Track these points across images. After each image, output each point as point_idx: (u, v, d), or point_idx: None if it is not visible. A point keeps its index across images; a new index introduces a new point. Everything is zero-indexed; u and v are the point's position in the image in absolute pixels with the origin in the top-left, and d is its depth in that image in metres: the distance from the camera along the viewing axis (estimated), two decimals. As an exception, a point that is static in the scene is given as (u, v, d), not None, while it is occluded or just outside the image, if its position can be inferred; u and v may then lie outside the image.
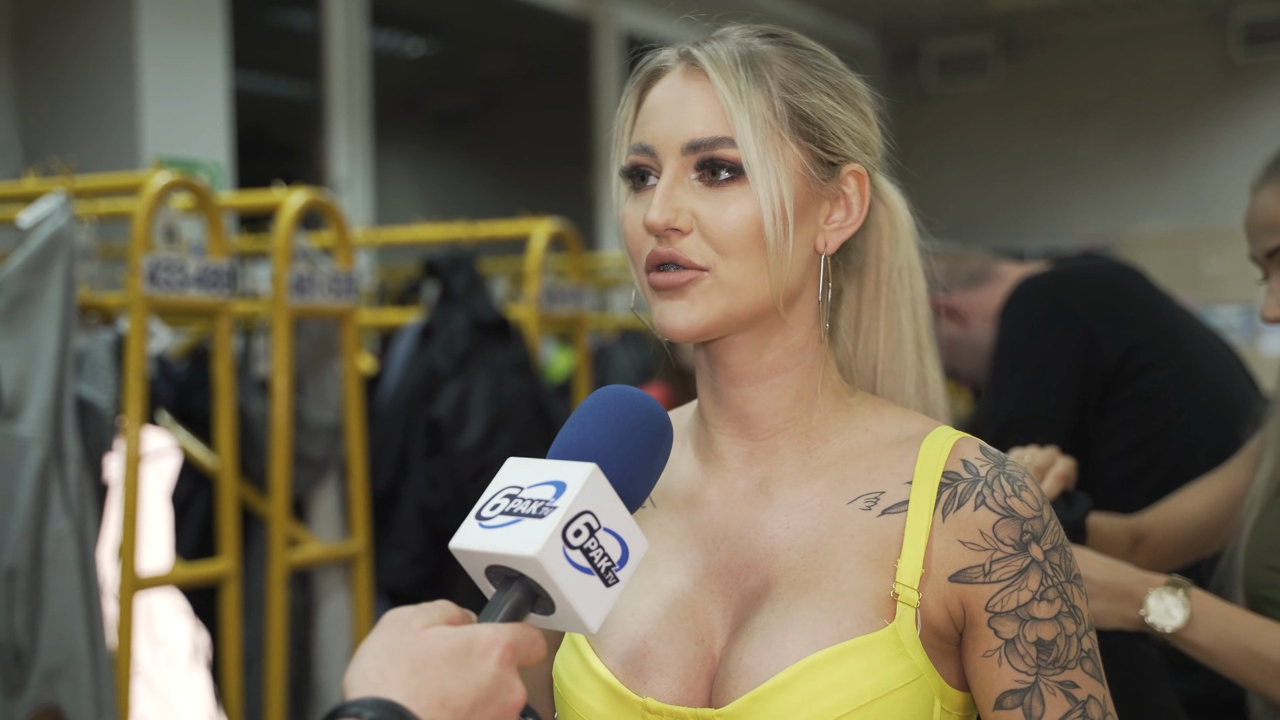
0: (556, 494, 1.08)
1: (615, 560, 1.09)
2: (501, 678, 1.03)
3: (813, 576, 1.27)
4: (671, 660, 1.28)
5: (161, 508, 3.71)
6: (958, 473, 1.28)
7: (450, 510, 4.10)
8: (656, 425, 1.19)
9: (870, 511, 1.29)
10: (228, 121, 5.97)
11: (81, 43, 5.69)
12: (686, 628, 1.29)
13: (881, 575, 1.26)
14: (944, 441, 1.31)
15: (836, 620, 1.23)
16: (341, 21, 7.08)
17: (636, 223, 1.31)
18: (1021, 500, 1.27)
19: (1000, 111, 10.95)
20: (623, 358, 5.88)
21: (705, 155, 1.28)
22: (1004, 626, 1.24)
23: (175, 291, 3.26)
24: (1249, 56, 10.18)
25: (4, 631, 2.96)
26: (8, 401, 3.01)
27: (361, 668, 1.01)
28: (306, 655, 3.92)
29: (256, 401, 3.77)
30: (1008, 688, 1.24)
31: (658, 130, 1.30)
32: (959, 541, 1.26)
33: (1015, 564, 1.25)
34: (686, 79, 1.31)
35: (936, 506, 1.27)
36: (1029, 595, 1.24)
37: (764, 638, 1.24)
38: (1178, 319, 2.59)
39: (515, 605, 1.08)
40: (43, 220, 3.10)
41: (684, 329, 1.28)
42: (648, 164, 1.31)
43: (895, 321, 1.43)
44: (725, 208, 1.27)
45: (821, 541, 1.29)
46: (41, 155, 5.16)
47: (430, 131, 10.51)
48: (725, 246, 1.27)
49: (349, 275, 3.77)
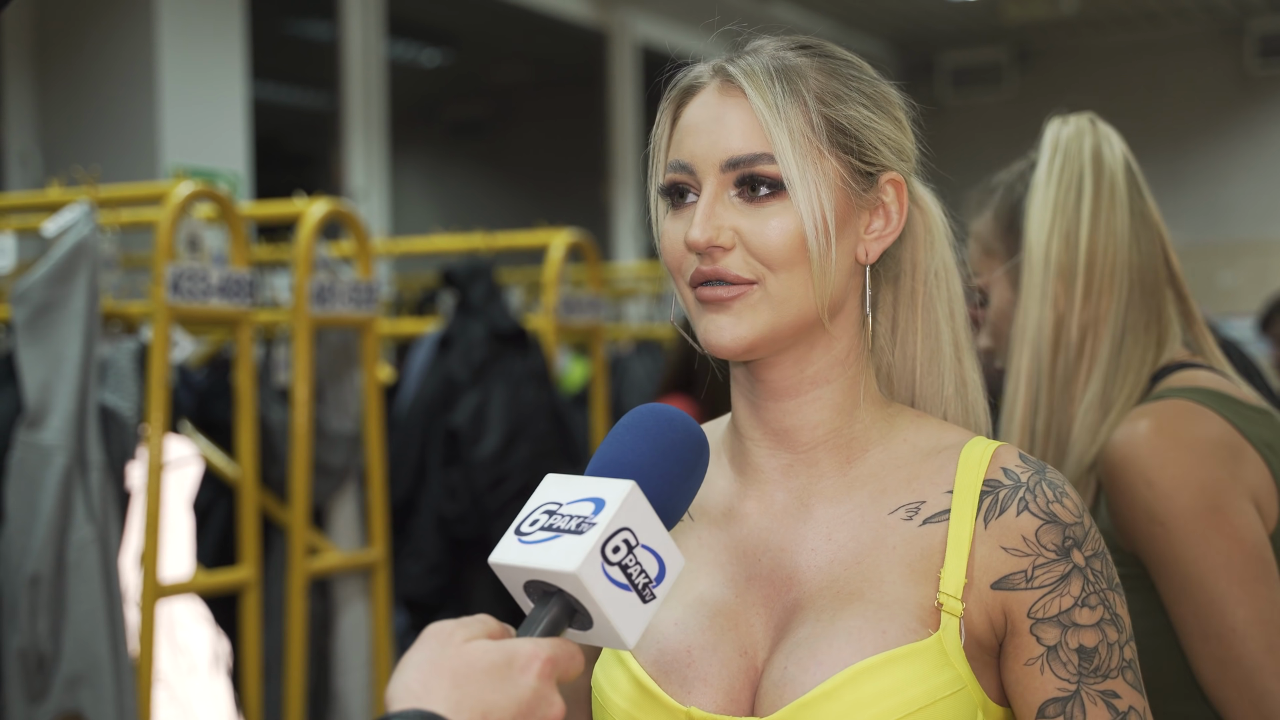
0: (595, 510, 1.09)
1: (652, 577, 1.10)
2: (541, 692, 1.04)
3: (856, 587, 1.27)
4: (715, 671, 1.29)
5: (183, 516, 3.72)
6: (998, 480, 1.28)
7: (467, 519, 4.11)
8: (694, 443, 1.20)
9: (911, 521, 1.29)
10: (246, 131, 6.00)
11: (101, 53, 5.72)
12: (730, 639, 1.30)
13: (924, 585, 1.26)
14: (983, 450, 1.31)
15: (881, 629, 1.23)
16: (358, 32, 7.11)
17: (677, 240, 1.31)
18: (1063, 506, 1.27)
19: (1014, 123, 10.92)
20: (638, 368, 5.89)
21: (745, 172, 1.28)
22: (1046, 633, 1.24)
23: (198, 301, 3.28)
24: (1264, 69, 10.18)
25: (27, 638, 2.98)
26: (32, 409, 3.03)
27: (404, 680, 1.02)
28: (325, 663, 3.93)
29: (277, 410, 3.78)
30: (1050, 696, 1.24)
31: (695, 148, 1.30)
32: (1001, 548, 1.26)
33: (1057, 570, 1.25)
34: (722, 95, 1.31)
35: (978, 514, 1.27)
36: (1071, 601, 1.24)
37: (809, 647, 1.25)
38: (1197, 332, 2.59)
39: (554, 620, 1.09)
40: (67, 229, 3.12)
41: (730, 345, 1.28)
42: (686, 182, 1.31)
43: (932, 324, 1.42)
44: (767, 223, 1.27)
45: (863, 552, 1.29)
46: (62, 165, 5.19)
47: (446, 142, 10.53)
48: (770, 261, 1.27)
49: (369, 285, 3.79)
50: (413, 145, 9.29)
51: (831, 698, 1.21)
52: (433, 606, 4.15)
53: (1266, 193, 10.32)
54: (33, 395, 3.03)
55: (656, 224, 1.36)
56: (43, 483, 3.00)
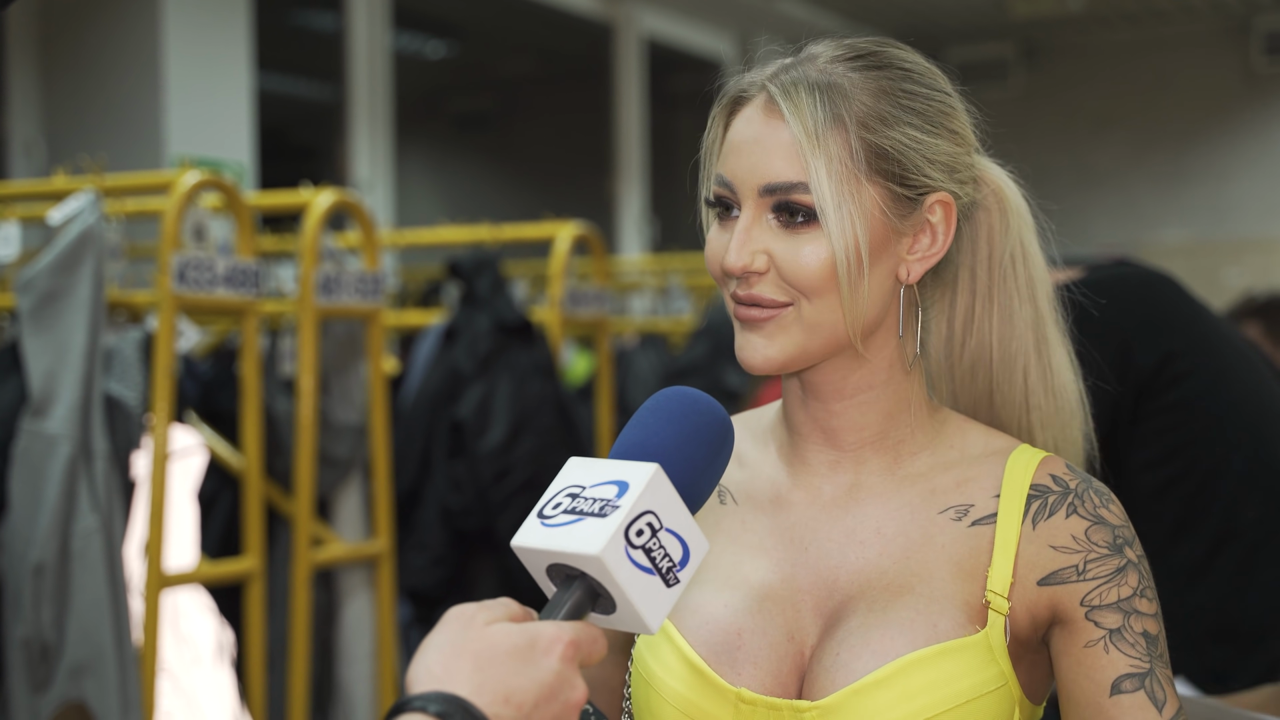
0: (619, 493, 1.08)
1: (676, 561, 1.09)
2: (564, 675, 1.03)
3: (906, 582, 1.30)
4: (765, 653, 1.30)
5: (187, 506, 3.72)
6: (1047, 486, 1.32)
7: (472, 511, 4.11)
8: (718, 427, 1.20)
9: (960, 523, 1.32)
10: (251, 122, 5.99)
11: (106, 43, 5.71)
12: (778, 623, 1.31)
13: (972, 584, 1.29)
14: (1030, 458, 1.34)
15: (933, 623, 1.26)
16: (363, 23, 7.10)
17: (717, 254, 1.34)
18: (1110, 511, 1.31)
19: (1020, 119, 10.93)
20: (642, 361, 5.88)
21: (781, 199, 1.29)
22: (1106, 618, 1.26)
23: (204, 290, 3.27)
24: (1270, 66, 10.16)
25: (31, 627, 2.97)
26: (36, 398, 3.02)
27: (426, 663, 1.02)
28: (329, 654, 3.93)
29: (282, 401, 3.78)
30: (1123, 671, 1.25)
31: (737, 169, 1.31)
32: (1050, 547, 1.29)
33: (1112, 563, 1.28)
34: (767, 115, 1.31)
35: (1026, 516, 1.30)
36: (1130, 590, 1.27)
37: (862, 635, 1.27)
38: (1213, 327, 2.58)
39: (577, 604, 1.08)
40: (72, 218, 3.11)
41: (761, 365, 1.30)
42: (729, 198, 1.33)
43: (1008, 310, 1.43)
44: (800, 250, 1.28)
45: (912, 549, 1.31)
46: (67, 153, 5.19)
47: (450, 134, 10.52)
48: (803, 287, 1.28)
49: (375, 276, 3.78)
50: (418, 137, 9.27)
51: (883, 685, 1.24)
52: (437, 598, 4.15)
53: (1272, 190, 10.30)
54: (37, 384, 3.02)
55: (704, 228, 1.38)
56: (47, 472, 2.99)
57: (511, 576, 4.08)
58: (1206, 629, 2.40)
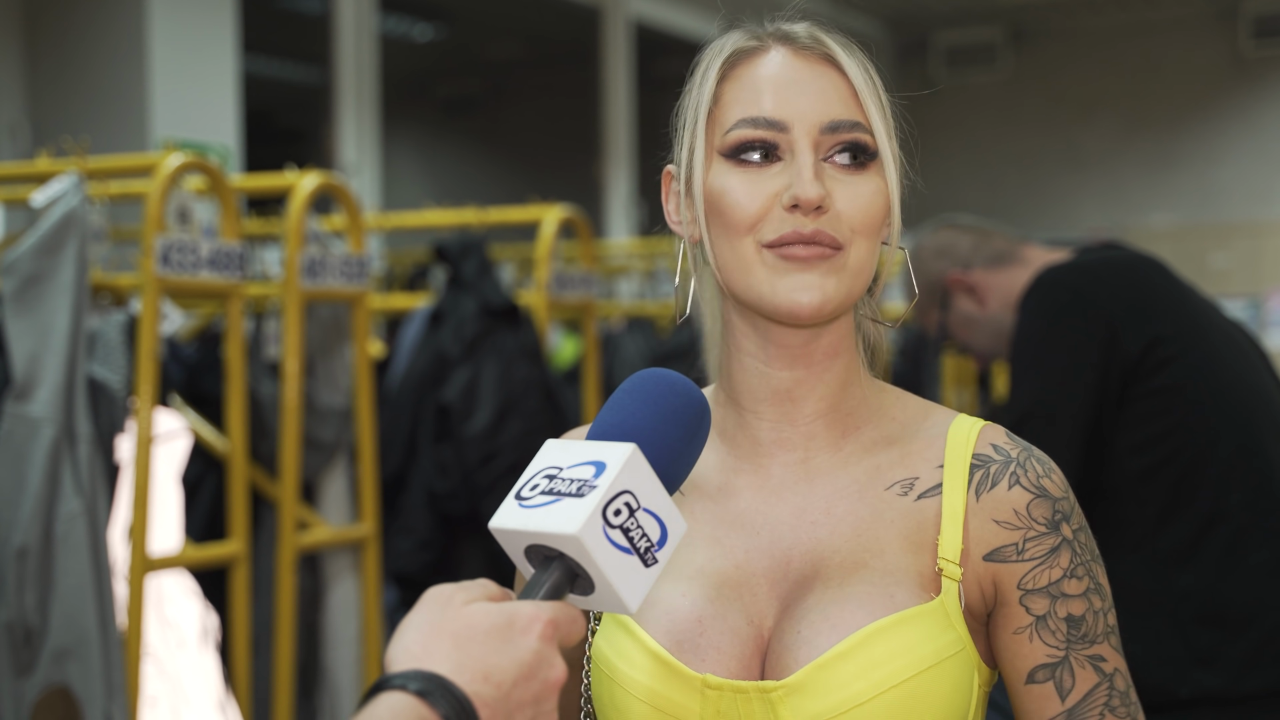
0: (596, 474, 1.08)
1: (654, 541, 1.09)
2: (543, 653, 1.03)
3: (859, 558, 1.30)
4: (727, 639, 1.30)
5: (172, 489, 3.71)
6: (988, 455, 1.33)
7: (458, 495, 4.10)
8: (695, 408, 1.19)
9: (907, 497, 1.33)
10: (237, 105, 5.97)
11: (91, 25, 5.69)
12: (737, 608, 1.31)
13: (923, 555, 1.30)
14: (970, 427, 1.35)
15: (889, 594, 1.27)
16: (350, 6, 7.07)
17: (758, 195, 1.29)
18: (1052, 481, 1.32)
19: (1008, 103, 10.93)
20: (629, 345, 5.88)
21: (846, 138, 1.29)
22: (1035, 604, 1.29)
23: (188, 273, 3.26)
24: (1258, 50, 10.17)
25: (15, 611, 2.96)
26: (19, 382, 3.01)
27: (405, 642, 1.02)
28: (315, 638, 3.93)
29: (267, 384, 3.77)
30: (1039, 662, 1.29)
31: (786, 106, 1.30)
32: (993, 521, 1.30)
33: (1048, 542, 1.30)
34: (802, 59, 1.32)
35: (969, 487, 1.31)
36: (1060, 573, 1.29)
37: (821, 612, 1.27)
38: (1200, 311, 2.58)
39: (555, 584, 1.08)
40: (55, 200, 3.09)
41: (818, 304, 1.28)
42: (775, 140, 1.30)
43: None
44: (860, 190, 1.29)
45: (863, 526, 1.32)
46: (50, 136, 5.16)
47: (438, 118, 10.51)
48: (860, 228, 1.29)
49: (360, 259, 3.77)
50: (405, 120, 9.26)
51: (846, 658, 1.25)
52: (423, 582, 4.14)
53: (1259, 174, 10.32)
54: (20, 367, 3.01)
55: (701, 179, 1.33)
56: (30, 455, 2.98)
57: (497, 560, 4.08)
58: (1193, 612, 2.40)
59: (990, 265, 2.87)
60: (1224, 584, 2.41)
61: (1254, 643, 2.38)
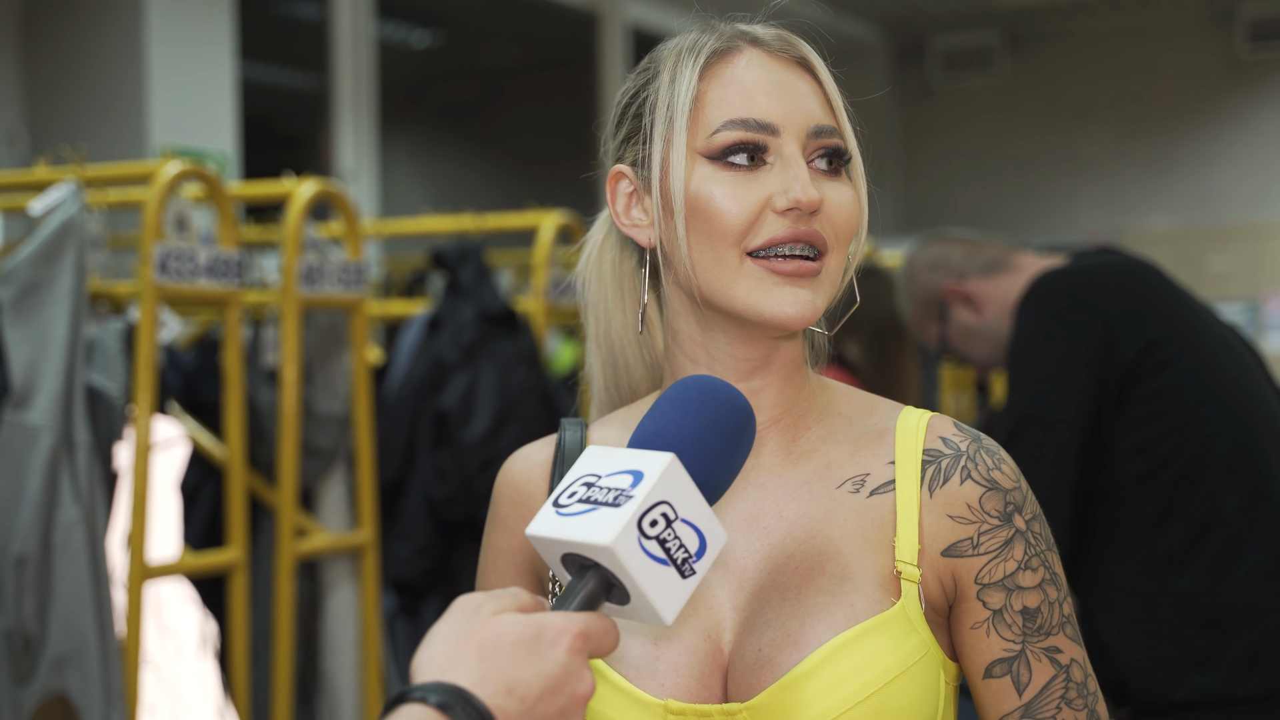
0: (634, 483, 1.07)
1: (692, 552, 1.07)
2: (571, 667, 1.01)
3: (814, 562, 1.27)
4: (684, 659, 1.27)
5: (170, 497, 3.71)
6: (938, 449, 1.31)
7: (456, 501, 4.10)
8: (738, 416, 1.18)
9: (859, 494, 1.30)
10: (234, 112, 5.97)
11: (89, 32, 5.69)
12: (691, 624, 1.28)
13: (880, 554, 1.27)
14: (918, 420, 1.33)
15: (849, 603, 1.24)
16: (348, 12, 7.07)
17: (749, 201, 1.26)
18: (1002, 472, 1.30)
19: (1005, 107, 10.93)
20: (628, 350, 5.87)
21: (828, 143, 1.29)
22: (991, 598, 1.27)
23: (186, 281, 3.26)
24: (1254, 53, 10.17)
25: (13, 619, 2.96)
26: (18, 390, 3.01)
27: (430, 652, 1.00)
28: (313, 645, 3.92)
29: (265, 391, 3.77)
30: (996, 657, 1.27)
31: (772, 109, 1.27)
32: (948, 516, 1.28)
33: (1001, 535, 1.28)
34: (778, 62, 1.30)
35: (922, 483, 1.29)
36: (1014, 565, 1.28)
37: (780, 627, 1.24)
38: (1196, 315, 2.58)
39: (590, 594, 1.06)
40: (53, 208, 3.09)
41: (807, 317, 1.27)
42: (765, 142, 1.27)
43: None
44: (843, 195, 1.29)
45: (816, 527, 1.29)
46: (48, 144, 5.17)
47: (435, 123, 10.51)
48: (841, 234, 1.29)
49: (358, 266, 3.77)
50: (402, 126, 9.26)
51: (811, 677, 1.22)
52: (421, 588, 4.14)
53: (1256, 177, 10.32)
54: (19, 375, 3.01)
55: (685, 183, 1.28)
56: (29, 463, 2.98)
57: (496, 566, 4.07)
58: (1189, 616, 2.41)
59: (985, 273, 2.88)
60: (1220, 587, 2.42)
61: (1250, 645, 2.38)
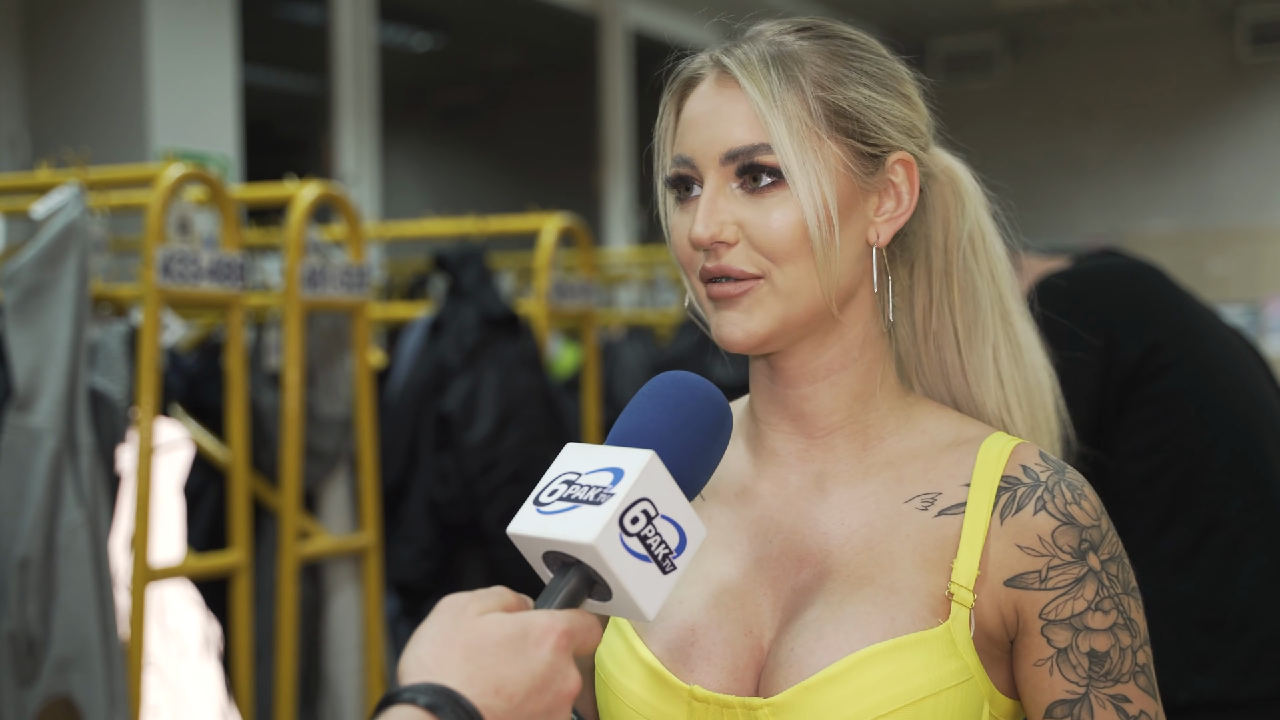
0: (614, 481, 1.08)
1: (673, 548, 1.09)
2: (557, 665, 1.02)
3: (867, 572, 1.26)
4: (720, 649, 1.28)
5: (173, 499, 3.71)
6: (1017, 477, 1.27)
7: (459, 504, 4.10)
8: (715, 412, 1.18)
9: (927, 512, 1.28)
10: (236, 115, 5.97)
11: (90, 35, 5.69)
12: (735, 618, 1.29)
13: (936, 575, 1.25)
14: (1003, 446, 1.30)
15: (891, 615, 1.23)
16: (349, 16, 7.08)
17: (684, 235, 1.30)
18: (1081, 508, 1.26)
19: (1006, 110, 10.93)
20: (629, 353, 5.88)
21: (744, 163, 1.27)
22: (1057, 635, 1.24)
23: (188, 284, 3.26)
24: (1255, 56, 10.17)
25: (17, 622, 2.97)
26: (21, 393, 3.01)
27: (416, 653, 1.01)
28: (316, 647, 3.93)
29: (267, 394, 3.77)
30: (1058, 698, 1.23)
31: (695, 142, 1.29)
32: (1016, 546, 1.25)
33: (1072, 572, 1.24)
34: (720, 87, 1.30)
35: (994, 510, 1.26)
36: (1084, 605, 1.23)
37: (816, 630, 1.24)
38: (1199, 317, 2.58)
39: (572, 591, 1.07)
40: (56, 212, 3.10)
41: (742, 340, 1.27)
42: (690, 175, 1.30)
43: (970, 290, 1.40)
44: (769, 214, 1.26)
45: (876, 538, 1.28)
46: (50, 148, 5.17)
47: (437, 127, 10.51)
48: (774, 253, 1.26)
49: (360, 269, 3.78)
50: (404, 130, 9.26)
51: (836, 682, 1.21)
52: (424, 591, 4.15)
53: (1257, 180, 10.33)
54: (22, 378, 3.01)
55: (665, 218, 1.35)
56: (32, 466, 2.98)
57: (499, 569, 4.08)
58: (1192, 618, 2.41)
59: None
60: (1223, 589, 2.41)
61: (1253, 648, 2.38)
